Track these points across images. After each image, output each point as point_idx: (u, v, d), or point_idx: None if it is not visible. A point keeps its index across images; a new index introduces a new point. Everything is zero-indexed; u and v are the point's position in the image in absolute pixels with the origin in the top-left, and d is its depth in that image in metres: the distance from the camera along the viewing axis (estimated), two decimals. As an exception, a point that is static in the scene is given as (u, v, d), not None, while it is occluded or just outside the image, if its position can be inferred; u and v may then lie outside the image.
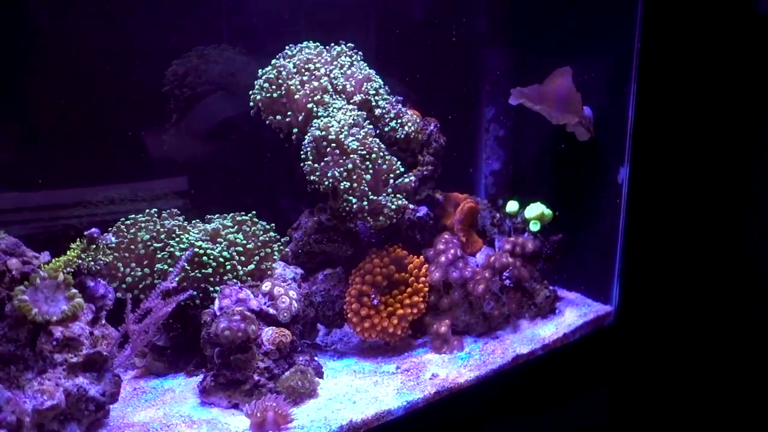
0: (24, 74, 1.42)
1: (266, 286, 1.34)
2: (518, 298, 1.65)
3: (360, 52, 1.54)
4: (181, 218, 1.44)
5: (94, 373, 1.11)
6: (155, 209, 1.43)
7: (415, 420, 1.33)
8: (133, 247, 1.35)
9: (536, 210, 1.70)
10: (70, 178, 1.50)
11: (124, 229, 1.37)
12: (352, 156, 1.37)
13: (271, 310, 1.32)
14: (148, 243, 1.34)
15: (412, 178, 1.50)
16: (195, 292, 1.30)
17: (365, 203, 1.39)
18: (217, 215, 1.47)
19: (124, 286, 1.31)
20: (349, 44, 1.53)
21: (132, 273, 1.32)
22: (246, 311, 1.26)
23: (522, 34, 1.89)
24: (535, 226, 1.69)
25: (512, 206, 1.71)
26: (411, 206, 1.50)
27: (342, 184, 1.37)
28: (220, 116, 1.68)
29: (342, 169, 1.37)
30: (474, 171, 2.01)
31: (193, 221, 1.45)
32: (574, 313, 1.76)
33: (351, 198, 1.38)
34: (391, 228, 1.52)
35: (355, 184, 1.38)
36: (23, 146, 1.47)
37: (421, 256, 1.56)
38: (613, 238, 1.76)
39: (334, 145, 1.37)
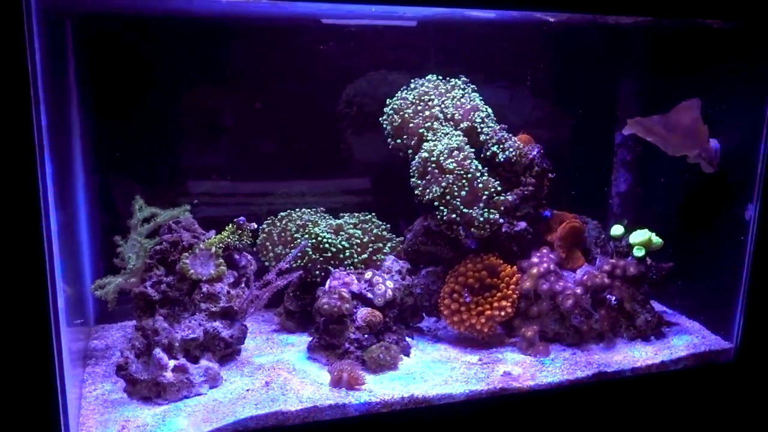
0: (248, 100, 1.91)
1: (368, 274, 1.66)
2: (613, 318, 1.74)
3: (472, 86, 1.77)
4: (322, 215, 1.83)
5: (227, 320, 1.54)
6: (306, 208, 1.85)
7: (474, 408, 1.54)
8: (283, 234, 1.78)
9: (642, 236, 1.76)
10: (272, 174, 1.98)
11: (279, 220, 1.80)
12: (448, 175, 1.62)
13: (369, 294, 1.64)
14: (290, 231, 1.76)
15: (510, 197, 1.70)
16: (301, 273, 1.67)
17: (455, 215, 1.63)
18: (347, 214, 1.84)
19: (272, 260, 1.75)
20: (463, 78, 1.77)
21: (276, 251, 1.74)
22: (345, 293, 1.60)
23: (655, 64, 1.93)
24: (639, 252, 1.75)
25: (617, 230, 1.79)
26: (501, 220, 1.68)
27: (438, 197, 1.63)
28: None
29: (438, 185, 1.62)
30: (607, 190, 2.09)
31: (328, 217, 1.83)
32: (682, 342, 1.78)
33: (444, 209, 1.63)
34: (491, 238, 1.73)
35: (448, 197, 1.63)
36: (239, 149, 1.98)
37: (515, 266, 1.75)
38: (739, 275, 1.73)
39: (434, 165, 1.63)
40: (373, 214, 1.82)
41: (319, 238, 1.71)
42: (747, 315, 1.72)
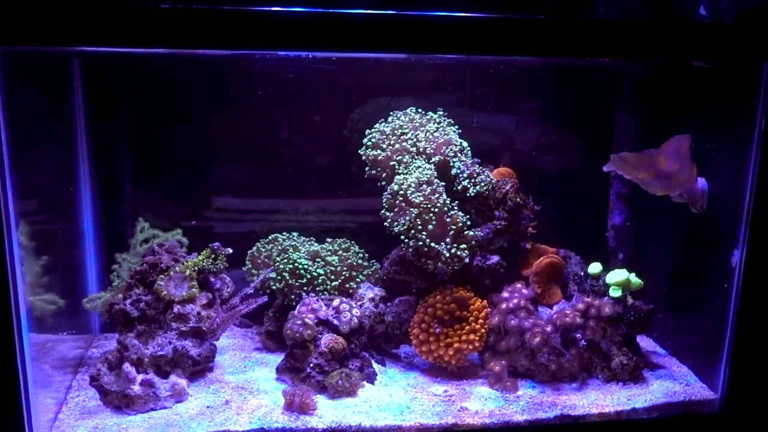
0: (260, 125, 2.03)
1: (336, 302, 1.72)
2: (585, 358, 1.71)
3: (450, 120, 1.78)
4: (306, 240, 1.91)
5: (197, 339, 1.65)
6: (295, 232, 1.94)
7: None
8: (267, 258, 1.87)
9: (619, 276, 1.71)
10: (280, 193, 2.08)
11: (265, 244, 1.90)
12: (414, 209, 1.65)
13: (335, 321, 1.70)
14: (273, 255, 1.85)
15: (479, 232, 1.71)
16: (266, 299, 1.76)
17: (422, 249, 1.66)
18: (330, 240, 1.91)
19: (255, 282, 1.85)
20: (440, 111, 1.79)
21: (269, 271, 1.84)
22: (309, 319, 1.67)
23: (648, 98, 1.86)
24: (615, 292, 1.71)
25: (594, 268, 1.75)
26: (466, 259, 1.69)
27: (404, 231, 1.66)
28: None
29: (405, 219, 1.66)
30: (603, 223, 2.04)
31: (310, 243, 1.90)
32: (663, 388, 1.72)
33: (410, 242, 1.67)
34: (463, 270, 1.74)
35: (413, 231, 1.66)
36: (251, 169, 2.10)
37: (486, 300, 1.75)
38: (724, 323, 1.65)
39: (402, 198, 1.67)
40: (352, 242, 1.88)
41: (296, 264, 1.79)
42: (732, 366, 1.64)
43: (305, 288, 1.79)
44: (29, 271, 1.70)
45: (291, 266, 1.78)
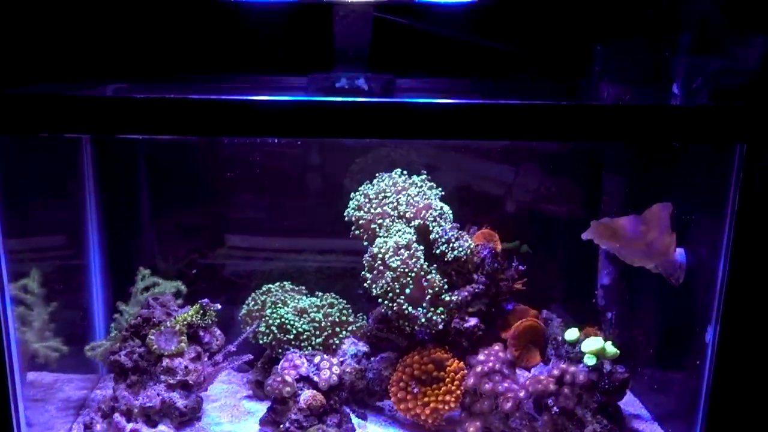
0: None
1: (317, 358, 1.79)
2: (558, 425, 1.72)
3: (432, 184, 1.83)
4: (295, 293, 1.99)
5: (184, 391, 1.75)
6: (287, 282, 2.02)
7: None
8: (260, 310, 1.96)
9: (594, 345, 1.72)
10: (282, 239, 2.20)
11: (259, 295, 1.99)
12: (390, 272, 1.71)
13: (315, 378, 1.77)
14: (264, 308, 1.94)
15: (456, 296, 1.75)
16: (251, 356, 1.84)
17: (397, 312, 1.72)
18: (319, 294, 1.98)
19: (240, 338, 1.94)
20: (423, 175, 1.84)
21: (254, 328, 1.93)
22: (289, 376, 1.74)
23: (635, 163, 1.87)
24: (590, 360, 1.72)
25: (571, 334, 1.76)
26: (440, 325, 1.74)
27: (382, 294, 1.72)
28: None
29: (383, 282, 1.72)
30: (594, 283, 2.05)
31: (300, 297, 1.98)
32: (640, 459, 1.72)
33: (387, 303, 1.73)
34: (443, 331, 1.79)
35: (390, 294, 1.72)
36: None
37: (464, 361, 1.79)
38: (698, 397, 1.64)
39: (380, 262, 1.73)
40: (338, 298, 1.96)
41: (283, 320, 1.87)
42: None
43: (292, 342, 1.87)
44: (38, 317, 1.85)
45: (279, 321, 1.87)
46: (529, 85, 2.28)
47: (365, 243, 1.83)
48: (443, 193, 1.85)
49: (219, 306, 1.83)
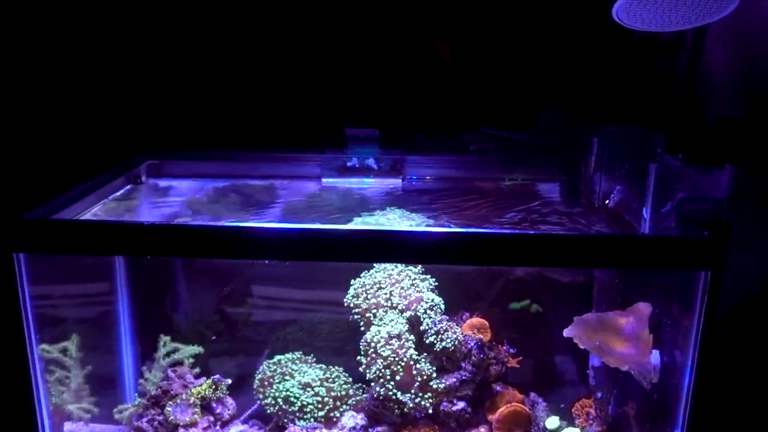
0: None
1: (317, 432, 1.96)
2: (536, 505, 1.84)
3: (426, 276, 1.96)
4: (304, 364, 2.16)
5: (197, 458, 1.96)
6: (296, 354, 2.20)
7: None
8: (271, 379, 2.14)
9: (573, 435, 1.82)
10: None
11: (270, 365, 2.17)
12: (381, 360, 1.85)
13: (313, 451, 1.95)
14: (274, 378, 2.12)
15: (443, 383, 1.89)
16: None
17: (385, 395, 1.87)
18: (322, 367, 2.14)
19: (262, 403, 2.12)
20: (418, 269, 1.97)
21: (266, 393, 2.11)
22: (290, 449, 1.92)
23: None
24: (567, 449, 1.83)
25: (551, 423, 1.87)
26: (430, 410, 1.88)
27: (374, 379, 1.87)
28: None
29: (375, 368, 1.87)
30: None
31: (307, 370, 2.15)
32: None
33: (378, 389, 1.88)
34: (433, 413, 1.93)
35: (381, 380, 1.86)
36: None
37: (451, 442, 1.93)
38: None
39: (372, 350, 1.87)
40: (342, 372, 2.11)
41: (288, 393, 2.04)
42: None
43: (297, 414, 2.04)
44: (74, 379, 2.07)
45: (285, 394, 2.04)
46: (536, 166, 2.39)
47: (362, 328, 1.98)
48: (436, 283, 1.98)
49: (229, 381, 2.02)
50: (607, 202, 1.91)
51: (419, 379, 1.88)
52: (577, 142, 2.25)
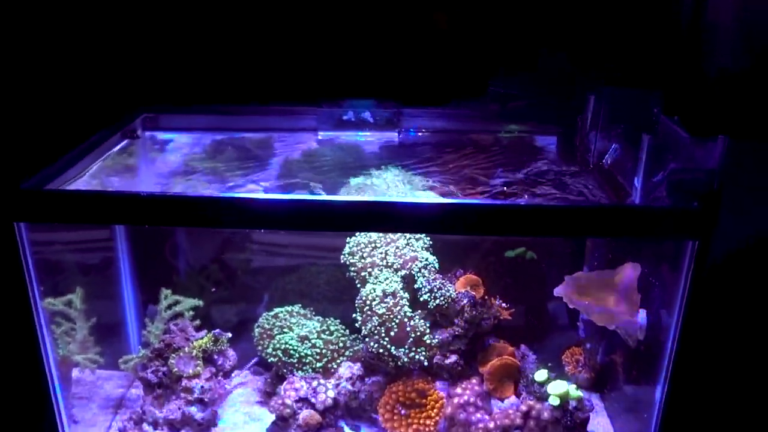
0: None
1: (315, 383, 2.04)
2: (523, 452, 1.94)
3: (421, 235, 1.99)
4: (304, 316, 2.23)
5: (201, 406, 2.05)
6: (295, 306, 2.26)
7: None
8: (271, 331, 2.21)
9: (559, 388, 1.90)
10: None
11: (269, 317, 2.23)
12: (376, 317, 1.91)
13: (312, 400, 2.03)
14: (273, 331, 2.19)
15: (437, 338, 1.95)
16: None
17: (382, 351, 1.94)
18: (319, 319, 2.21)
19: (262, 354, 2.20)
20: (410, 231, 2.01)
21: (266, 344, 2.19)
22: (289, 398, 2.00)
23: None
24: (554, 401, 1.91)
25: (540, 375, 1.95)
26: (425, 363, 1.96)
27: (369, 335, 1.94)
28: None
29: (370, 324, 1.93)
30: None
31: (306, 322, 2.21)
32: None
33: (373, 345, 1.95)
34: (427, 366, 2.01)
35: (376, 336, 1.93)
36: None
37: (443, 392, 2.02)
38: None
39: (367, 307, 1.93)
40: (337, 324, 2.18)
41: (287, 346, 2.12)
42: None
43: (296, 365, 2.12)
44: (80, 331, 2.15)
45: (284, 347, 2.12)
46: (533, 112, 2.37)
47: (358, 285, 2.03)
48: (431, 242, 2.01)
49: (230, 334, 2.09)
50: (602, 161, 1.91)
51: (413, 335, 1.94)
52: (579, 93, 2.22)
